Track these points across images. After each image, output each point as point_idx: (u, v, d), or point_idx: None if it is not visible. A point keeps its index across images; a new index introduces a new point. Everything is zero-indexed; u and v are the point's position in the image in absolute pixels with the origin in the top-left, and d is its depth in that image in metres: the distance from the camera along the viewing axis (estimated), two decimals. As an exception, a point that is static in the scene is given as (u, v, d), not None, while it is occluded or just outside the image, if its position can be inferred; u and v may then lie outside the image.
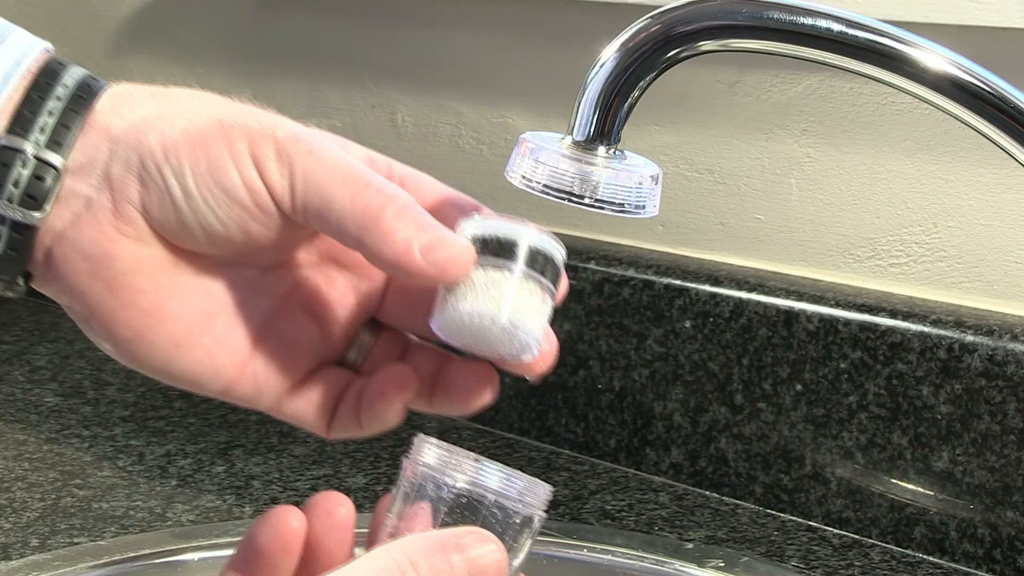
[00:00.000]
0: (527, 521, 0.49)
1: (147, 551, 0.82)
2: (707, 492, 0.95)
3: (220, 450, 0.99)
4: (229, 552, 0.45)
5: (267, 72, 1.27)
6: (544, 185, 0.51)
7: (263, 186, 0.50)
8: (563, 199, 0.51)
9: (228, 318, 0.54)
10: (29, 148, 0.51)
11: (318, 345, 0.56)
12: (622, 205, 0.51)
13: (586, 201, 0.50)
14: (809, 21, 0.49)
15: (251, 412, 1.06)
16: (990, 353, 0.84)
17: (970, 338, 0.85)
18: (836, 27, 0.49)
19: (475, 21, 1.12)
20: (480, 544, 0.47)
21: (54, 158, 0.51)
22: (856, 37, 0.49)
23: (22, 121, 0.51)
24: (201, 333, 0.53)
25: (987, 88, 0.50)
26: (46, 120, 0.51)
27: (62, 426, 1.03)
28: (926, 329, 0.87)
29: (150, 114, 0.51)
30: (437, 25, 1.14)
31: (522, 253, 0.49)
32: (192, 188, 0.50)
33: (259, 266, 0.55)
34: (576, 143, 0.51)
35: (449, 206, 0.54)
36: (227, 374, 0.54)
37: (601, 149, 0.51)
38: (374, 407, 0.54)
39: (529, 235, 0.50)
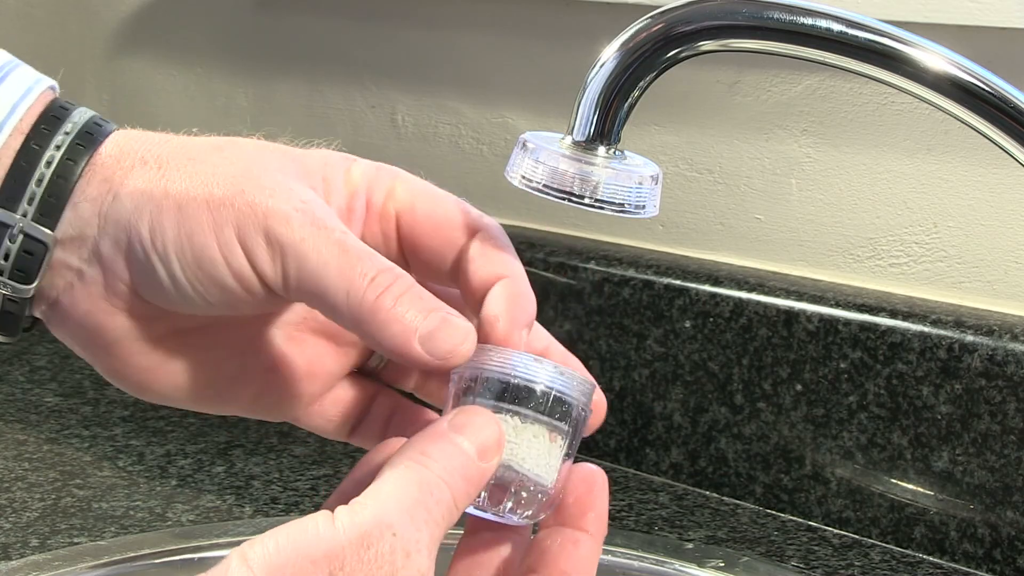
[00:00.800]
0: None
1: (147, 551, 0.82)
2: (707, 492, 0.95)
3: (220, 450, 0.99)
4: (229, 552, 0.45)
5: (267, 72, 1.27)
6: (544, 185, 0.50)
7: (253, 274, 0.49)
8: (563, 199, 0.51)
9: (238, 359, 0.53)
10: (17, 222, 0.49)
11: (336, 363, 0.55)
12: (622, 205, 0.50)
13: (586, 201, 0.50)
14: (809, 21, 0.49)
15: (251, 412, 1.06)
16: (990, 353, 0.84)
17: (970, 338, 0.85)
18: (836, 27, 0.49)
19: (475, 21, 1.12)
20: (474, 417, 0.47)
21: (43, 233, 0.50)
22: (856, 37, 0.49)
23: (10, 191, 0.49)
24: (210, 376, 0.53)
25: (987, 88, 0.50)
26: (34, 190, 0.50)
27: (62, 426, 1.03)
28: (926, 329, 0.87)
29: (138, 191, 0.49)
30: (437, 25, 1.14)
31: (523, 396, 0.49)
32: (179, 275, 0.49)
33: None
34: (576, 143, 0.51)
35: (453, 232, 0.52)
36: (243, 401, 0.54)
37: (601, 149, 0.51)
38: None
39: (536, 374, 0.49)
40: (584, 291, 1.00)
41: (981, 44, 0.86)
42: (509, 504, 0.49)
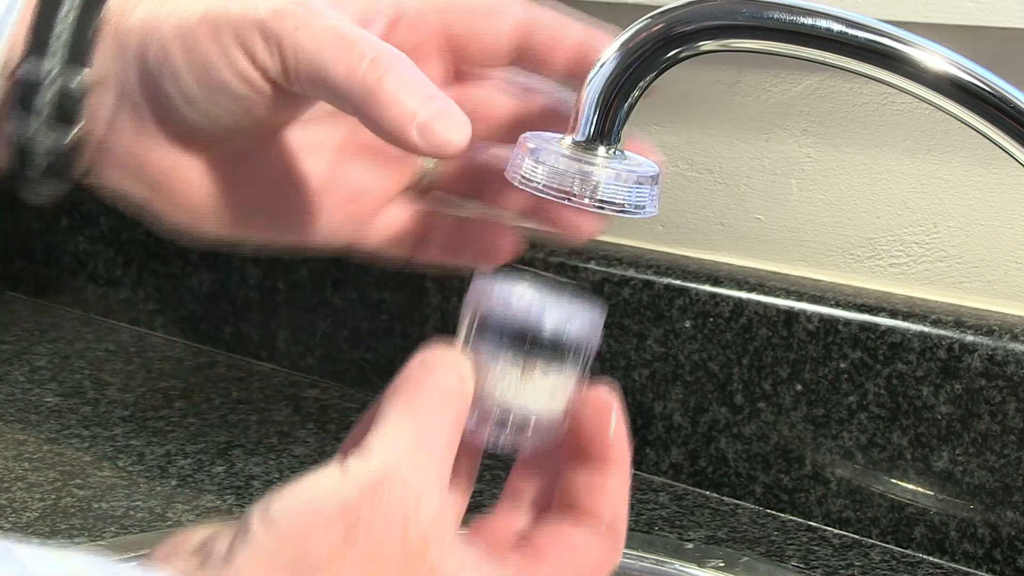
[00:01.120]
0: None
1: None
2: (707, 492, 0.95)
3: (220, 450, 0.99)
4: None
5: (267, 72, 1.27)
6: (544, 185, 0.51)
7: (256, 73, 0.50)
8: (563, 199, 0.51)
9: (283, 186, 0.54)
10: (51, 69, 0.51)
11: (384, 182, 0.56)
12: (622, 205, 0.51)
13: (586, 201, 0.50)
14: (809, 21, 0.49)
15: (251, 412, 1.07)
16: (990, 353, 0.84)
17: (970, 338, 0.85)
18: (836, 27, 0.49)
19: (475, 21, 1.12)
20: (440, 352, 0.48)
21: (77, 76, 0.51)
22: (856, 37, 0.49)
23: (39, 43, 0.51)
24: (258, 208, 0.54)
25: (987, 88, 0.50)
26: (60, 38, 0.51)
27: (62, 426, 1.03)
28: (926, 329, 0.87)
29: (143, 21, 0.51)
30: (437, 25, 1.14)
31: (527, 336, 0.49)
32: (191, 90, 0.50)
33: (303, 124, 0.55)
34: (576, 143, 0.51)
35: (501, 17, 0.53)
36: (294, 232, 0.55)
37: (601, 149, 0.51)
38: (475, 258, 0.56)
39: (541, 314, 0.49)
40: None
41: (981, 44, 0.86)
42: (513, 439, 0.50)
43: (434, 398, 0.47)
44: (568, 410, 0.50)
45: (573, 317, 0.50)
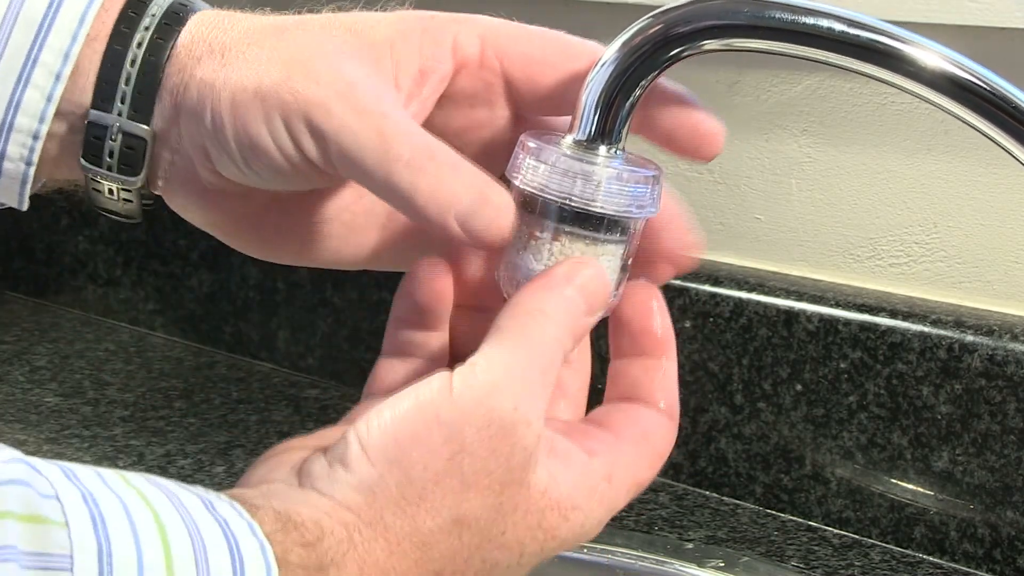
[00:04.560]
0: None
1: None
2: (707, 492, 0.95)
3: (220, 450, 0.99)
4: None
5: (267, 72, 1.27)
6: (544, 184, 0.51)
7: (303, 159, 0.51)
8: (563, 199, 0.51)
9: (346, 222, 0.56)
10: (114, 122, 0.53)
11: None
12: (623, 205, 0.51)
13: (587, 200, 0.50)
14: (811, 21, 0.49)
15: (251, 412, 1.07)
16: (990, 353, 0.84)
17: (970, 338, 0.85)
18: (838, 27, 0.49)
19: (475, 21, 1.12)
20: (582, 268, 0.50)
21: (140, 129, 0.53)
22: (858, 37, 0.49)
23: (103, 93, 0.53)
24: (322, 243, 0.56)
25: (988, 87, 0.50)
26: (124, 89, 0.53)
27: (62, 426, 1.03)
28: (926, 329, 0.87)
29: (202, 82, 0.52)
30: (437, 25, 1.14)
31: (579, 218, 0.50)
32: (239, 160, 0.52)
33: None
34: (577, 142, 0.51)
35: (572, 62, 0.54)
36: (359, 260, 0.57)
37: (602, 148, 0.51)
38: None
39: (593, 197, 0.50)
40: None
41: (981, 44, 0.86)
42: None
43: (567, 317, 0.49)
44: (620, 284, 0.52)
45: (620, 192, 0.50)
